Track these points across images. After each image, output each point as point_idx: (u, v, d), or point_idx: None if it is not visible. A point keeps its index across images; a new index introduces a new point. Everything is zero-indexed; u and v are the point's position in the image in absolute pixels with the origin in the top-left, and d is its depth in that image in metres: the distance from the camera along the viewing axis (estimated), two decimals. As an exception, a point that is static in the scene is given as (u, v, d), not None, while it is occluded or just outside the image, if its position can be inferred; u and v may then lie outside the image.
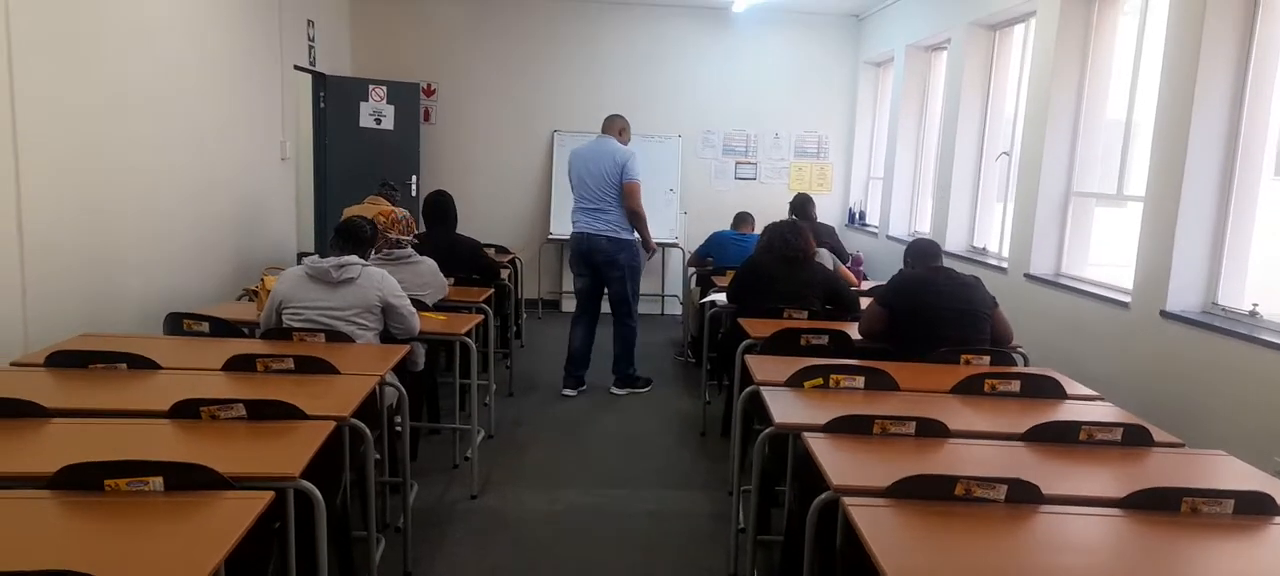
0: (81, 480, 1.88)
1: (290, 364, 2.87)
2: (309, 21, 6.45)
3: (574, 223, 5.35)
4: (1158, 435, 2.56)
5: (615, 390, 5.51)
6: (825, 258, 4.79)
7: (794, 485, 2.65)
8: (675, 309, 8.18)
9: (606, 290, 5.42)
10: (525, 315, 7.11)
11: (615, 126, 5.33)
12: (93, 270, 3.69)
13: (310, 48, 6.50)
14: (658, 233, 6.27)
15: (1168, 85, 3.92)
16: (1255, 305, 3.62)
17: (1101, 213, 5.03)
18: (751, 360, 3.29)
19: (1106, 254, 5.15)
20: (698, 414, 5.04)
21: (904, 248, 4.05)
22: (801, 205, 5.96)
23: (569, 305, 8.25)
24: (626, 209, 5.21)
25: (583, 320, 5.47)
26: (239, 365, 2.88)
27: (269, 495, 1.88)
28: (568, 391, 5.47)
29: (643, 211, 5.26)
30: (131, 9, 3.97)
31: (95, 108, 3.70)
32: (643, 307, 5.92)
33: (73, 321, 3.50)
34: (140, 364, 2.86)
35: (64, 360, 2.87)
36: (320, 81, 6.87)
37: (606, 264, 5.28)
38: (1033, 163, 5.03)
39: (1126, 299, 4.17)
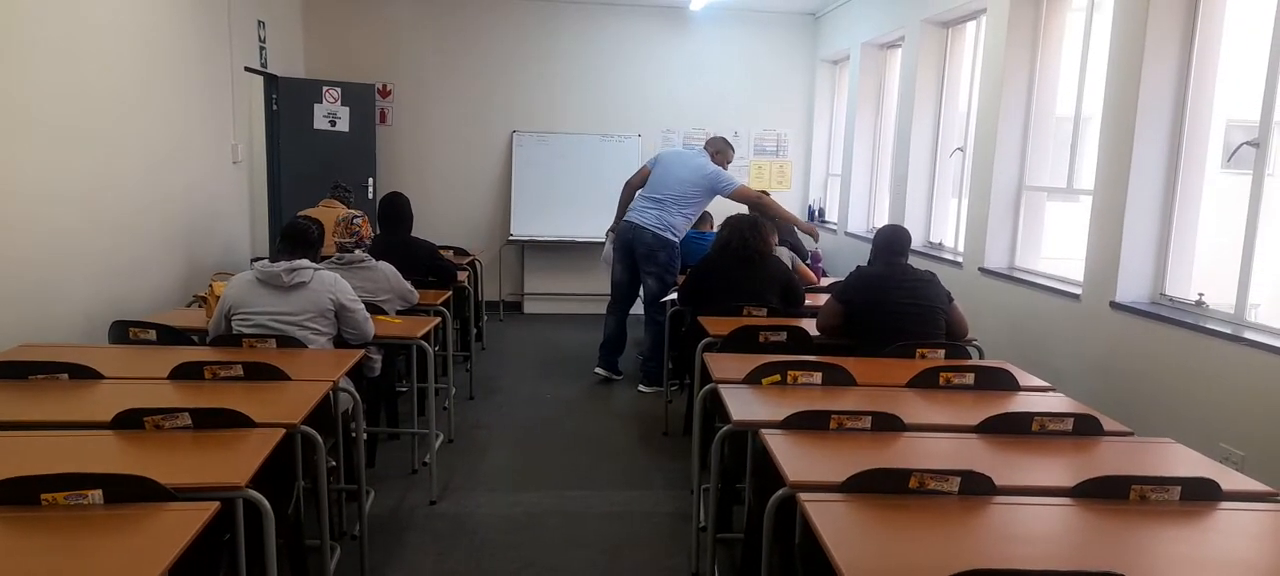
0: (16, 495, 1.81)
1: (239, 371, 2.81)
2: (259, 22, 6.33)
3: (628, 213, 5.57)
4: (1107, 424, 2.60)
5: (642, 387, 5.61)
6: (784, 254, 4.81)
7: (753, 482, 2.65)
8: (638, 308, 8.15)
9: (641, 286, 5.62)
10: (486, 318, 7.05)
11: (714, 145, 5.62)
12: (35, 278, 3.58)
13: (261, 49, 6.38)
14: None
15: (1114, 81, 4.00)
16: (1201, 295, 3.70)
17: (1053, 206, 5.12)
18: (710, 358, 3.29)
19: (1058, 247, 5.24)
20: (660, 413, 5.04)
21: (859, 244, 4.08)
22: (761, 202, 5.98)
23: (531, 307, 8.25)
24: (748, 203, 5.44)
25: (615, 309, 5.74)
26: (186, 373, 2.81)
27: (213, 506, 1.83)
28: (599, 370, 5.81)
29: (757, 194, 5.59)
30: (74, 9, 3.85)
31: (38, 110, 3.58)
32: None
33: (13, 331, 3.39)
34: (83, 374, 2.78)
35: (2, 372, 2.77)
36: (272, 83, 6.74)
37: (645, 257, 5.46)
38: (986, 158, 5.10)
39: (1078, 291, 4.25)
